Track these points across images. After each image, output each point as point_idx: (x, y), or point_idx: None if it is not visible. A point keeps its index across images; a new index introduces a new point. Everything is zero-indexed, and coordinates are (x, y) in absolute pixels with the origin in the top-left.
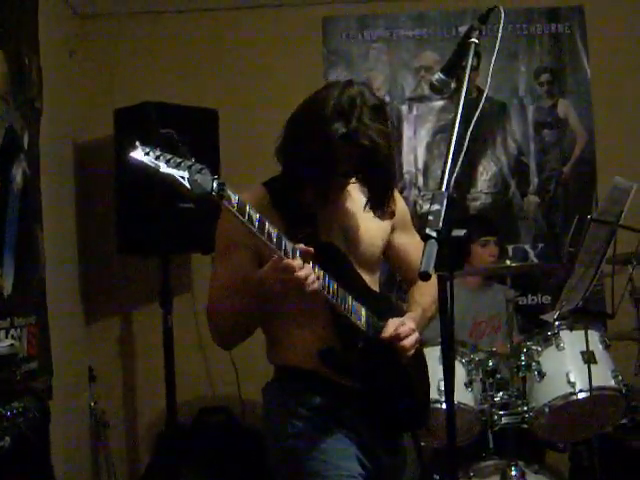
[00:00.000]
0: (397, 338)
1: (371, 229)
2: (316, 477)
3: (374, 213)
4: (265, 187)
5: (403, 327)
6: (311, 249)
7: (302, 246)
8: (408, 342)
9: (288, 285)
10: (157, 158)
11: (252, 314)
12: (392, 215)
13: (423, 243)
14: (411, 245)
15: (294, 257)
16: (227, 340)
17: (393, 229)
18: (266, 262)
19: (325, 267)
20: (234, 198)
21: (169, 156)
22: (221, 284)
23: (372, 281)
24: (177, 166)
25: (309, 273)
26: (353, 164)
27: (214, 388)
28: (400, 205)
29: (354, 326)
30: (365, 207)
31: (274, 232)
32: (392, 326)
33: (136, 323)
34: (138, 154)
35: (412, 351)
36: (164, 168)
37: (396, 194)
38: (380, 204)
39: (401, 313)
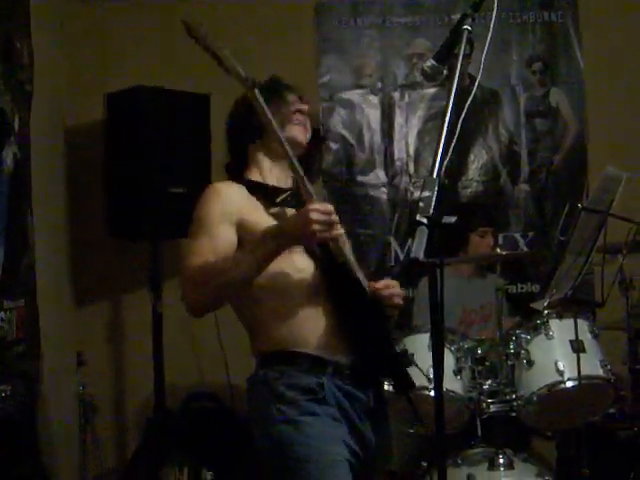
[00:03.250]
0: (390, 287)
1: None
2: (303, 462)
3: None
4: (234, 181)
5: (392, 282)
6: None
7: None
8: (398, 294)
9: (315, 228)
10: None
11: (247, 278)
12: None
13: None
14: None
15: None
16: (205, 298)
17: None
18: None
19: None
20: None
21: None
22: (203, 252)
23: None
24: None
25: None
26: None
27: (203, 374)
28: None
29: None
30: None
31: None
32: (386, 281)
33: (125, 308)
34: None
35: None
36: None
37: None
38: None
39: None
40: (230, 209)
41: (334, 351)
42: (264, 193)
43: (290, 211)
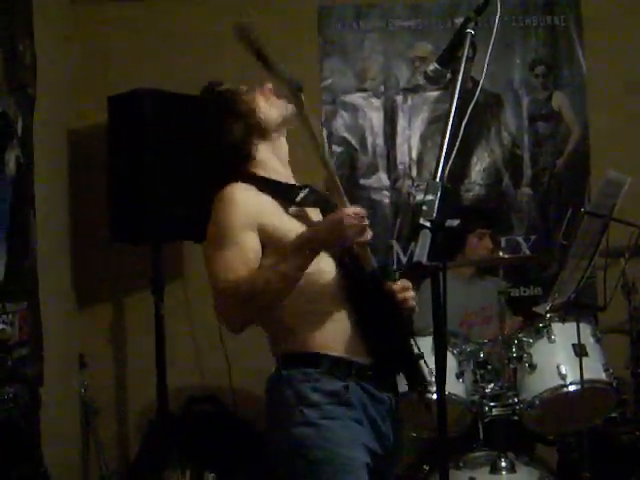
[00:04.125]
0: (406, 289)
1: None
2: (321, 465)
3: None
4: (240, 182)
5: (408, 284)
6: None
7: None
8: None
9: (349, 233)
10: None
11: (289, 286)
12: None
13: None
14: None
15: None
16: (252, 313)
17: None
18: (266, 248)
19: None
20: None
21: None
22: (236, 267)
23: None
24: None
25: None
26: None
27: (205, 377)
28: None
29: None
30: None
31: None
32: (403, 282)
33: (127, 310)
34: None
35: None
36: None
37: None
38: None
39: None
40: (250, 215)
41: (356, 352)
42: (279, 191)
43: (311, 210)
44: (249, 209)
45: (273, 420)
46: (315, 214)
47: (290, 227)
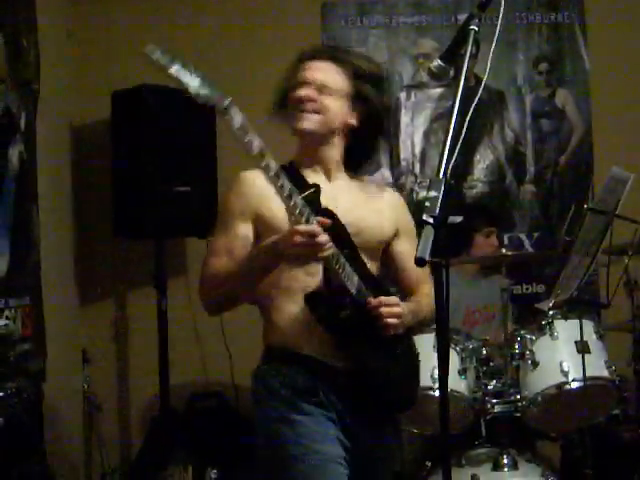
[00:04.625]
0: (381, 305)
1: (375, 221)
2: (297, 461)
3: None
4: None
5: (390, 300)
6: (328, 220)
7: (320, 218)
8: (392, 314)
9: (303, 250)
10: (172, 60)
11: (249, 284)
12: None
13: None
14: (411, 254)
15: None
16: (216, 302)
17: (396, 234)
18: (262, 237)
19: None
20: (238, 119)
21: (184, 63)
22: (219, 252)
23: (371, 266)
24: (190, 72)
25: (327, 240)
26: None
27: (207, 373)
28: (406, 212)
29: (345, 290)
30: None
31: (288, 184)
32: (380, 298)
33: (130, 306)
34: (152, 49)
35: (394, 328)
36: (174, 70)
37: (402, 202)
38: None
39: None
40: (248, 203)
41: (333, 356)
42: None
43: None
44: (249, 198)
45: (255, 415)
46: None
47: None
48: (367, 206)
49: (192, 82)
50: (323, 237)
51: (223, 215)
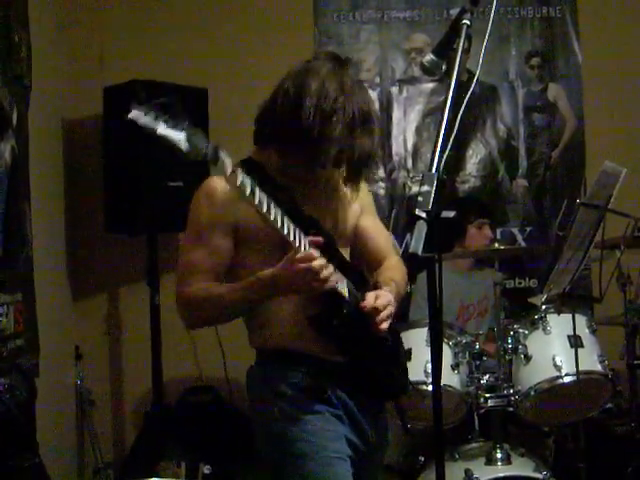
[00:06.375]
0: (375, 310)
1: (346, 208)
2: (304, 459)
3: (349, 187)
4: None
5: (380, 300)
6: (320, 238)
7: (311, 237)
8: (385, 314)
9: (304, 279)
10: (155, 119)
11: (237, 314)
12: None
13: (414, 224)
14: (376, 228)
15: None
16: (199, 325)
17: (361, 212)
18: (241, 247)
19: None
20: (228, 163)
21: (166, 117)
22: (200, 269)
23: (346, 255)
24: (174, 127)
25: (324, 263)
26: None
27: (200, 368)
28: (365, 188)
29: (339, 296)
30: (341, 184)
31: (277, 210)
32: (371, 298)
33: (123, 302)
34: (137, 114)
35: (387, 324)
36: (162, 129)
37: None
38: (356, 179)
39: (373, 287)
40: (225, 213)
41: (333, 352)
42: (278, 190)
43: None
44: (226, 207)
45: (254, 415)
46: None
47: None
48: (335, 194)
49: (178, 137)
50: (319, 261)
51: (198, 227)
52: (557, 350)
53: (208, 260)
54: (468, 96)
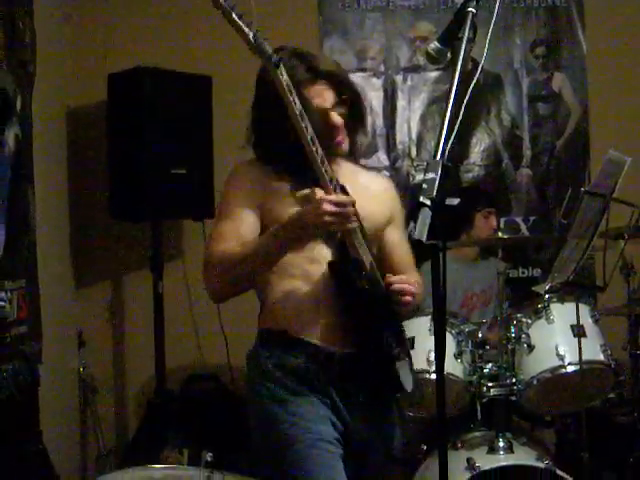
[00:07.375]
0: (402, 282)
1: (374, 208)
2: (289, 440)
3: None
4: (261, 160)
5: (408, 277)
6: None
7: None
8: (410, 290)
9: (331, 218)
10: (232, 7)
11: (266, 266)
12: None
13: (413, 221)
14: (402, 242)
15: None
16: (228, 285)
17: (389, 221)
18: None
19: None
20: (285, 77)
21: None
22: (229, 237)
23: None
24: (248, 25)
25: (354, 211)
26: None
27: (203, 355)
28: (397, 199)
29: (361, 264)
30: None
31: (320, 149)
32: (400, 275)
33: (126, 289)
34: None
35: (409, 304)
36: (236, 17)
37: (394, 188)
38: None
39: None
40: (252, 193)
41: (330, 342)
42: (294, 174)
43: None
44: (253, 188)
45: (248, 396)
46: None
47: (290, 212)
48: (366, 193)
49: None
50: (351, 208)
51: (227, 205)
52: (560, 339)
53: (237, 230)
54: (472, 85)
